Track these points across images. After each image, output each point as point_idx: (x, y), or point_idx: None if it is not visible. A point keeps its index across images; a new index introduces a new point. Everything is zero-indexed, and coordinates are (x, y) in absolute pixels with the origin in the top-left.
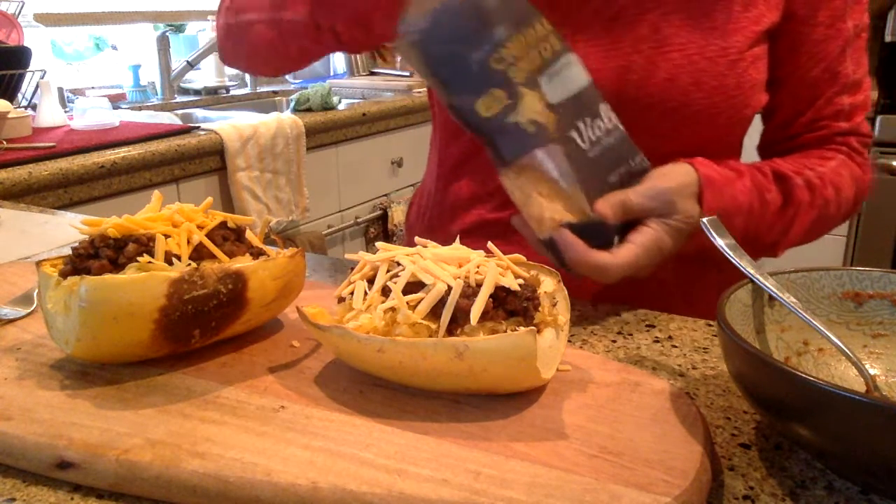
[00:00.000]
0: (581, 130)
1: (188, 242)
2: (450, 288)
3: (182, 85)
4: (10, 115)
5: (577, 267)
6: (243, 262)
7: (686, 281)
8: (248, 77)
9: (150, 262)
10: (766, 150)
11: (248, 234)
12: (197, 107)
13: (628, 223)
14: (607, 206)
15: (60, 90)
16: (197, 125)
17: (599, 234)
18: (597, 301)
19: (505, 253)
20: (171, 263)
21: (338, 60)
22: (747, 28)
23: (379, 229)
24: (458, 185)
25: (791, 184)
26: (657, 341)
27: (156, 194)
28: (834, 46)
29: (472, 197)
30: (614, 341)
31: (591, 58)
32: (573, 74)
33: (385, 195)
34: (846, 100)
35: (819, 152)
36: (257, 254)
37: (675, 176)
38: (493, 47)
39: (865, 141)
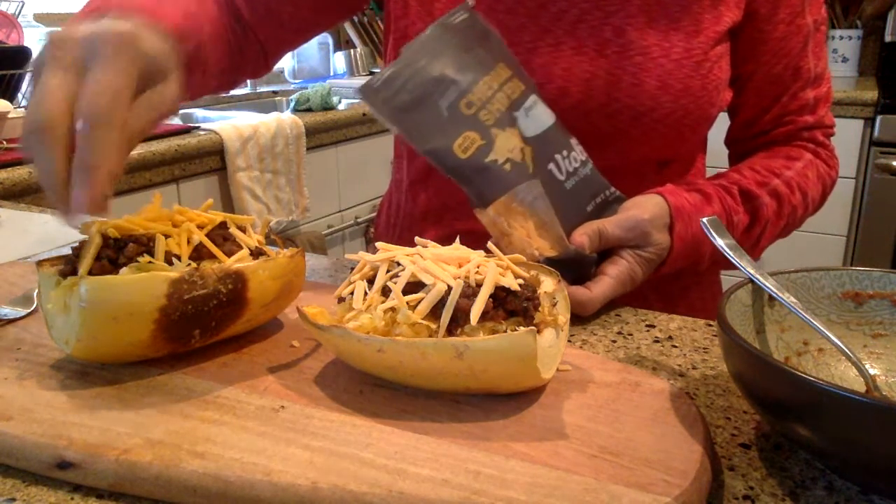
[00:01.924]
0: (559, 162)
1: (188, 242)
2: (450, 288)
3: None
4: (10, 115)
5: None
6: (243, 262)
7: (684, 281)
8: None
9: (150, 262)
10: (733, 145)
11: (238, 235)
12: (197, 107)
13: (602, 253)
14: (584, 236)
15: None
16: (197, 125)
17: (578, 266)
18: None
19: None
20: (171, 263)
21: (338, 60)
22: (710, 28)
23: None
24: (428, 196)
25: (759, 203)
26: (657, 341)
27: (156, 195)
28: (795, 42)
29: (442, 207)
30: (614, 341)
31: (556, 64)
32: (540, 113)
33: None
34: (810, 93)
35: (786, 151)
36: (257, 254)
37: (649, 207)
38: (460, 93)
39: (830, 132)
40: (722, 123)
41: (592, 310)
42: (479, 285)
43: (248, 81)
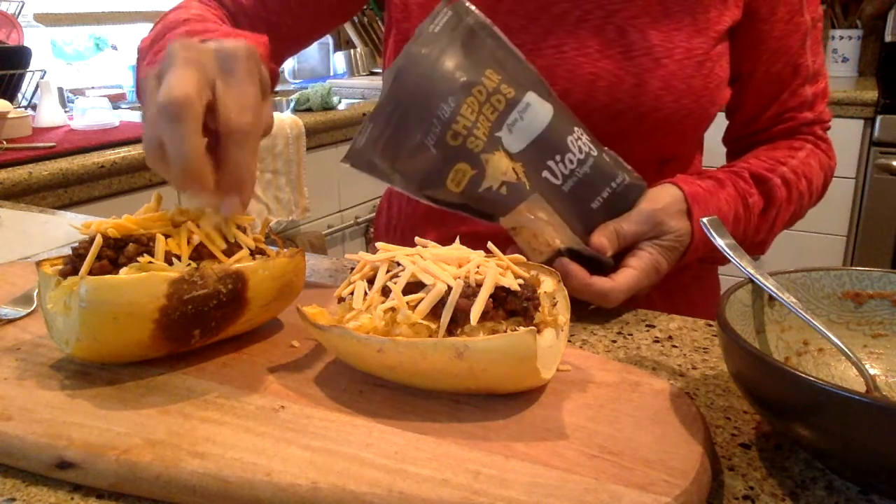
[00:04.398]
0: (552, 168)
1: (188, 242)
2: (450, 288)
3: None
4: (10, 115)
5: (578, 294)
6: (243, 263)
7: (686, 281)
8: None
9: (150, 262)
10: (732, 143)
11: (240, 236)
12: None
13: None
14: (603, 238)
15: (60, 90)
16: None
17: (597, 261)
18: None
19: None
20: (171, 263)
21: (338, 60)
22: (711, 28)
23: None
24: None
25: (771, 185)
26: (657, 341)
27: (156, 194)
28: (794, 41)
29: (443, 210)
30: (614, 341)
31: (559, 66)
32: (533, 115)
33: None
34: (808, 90)
35: (787, 143)
36: (257, 254)
37: (662, 197)
38: (445, 125)
39: (827, 127)
40: (718, 123)
41: (616, 301)
42: (479, 285)
43: None
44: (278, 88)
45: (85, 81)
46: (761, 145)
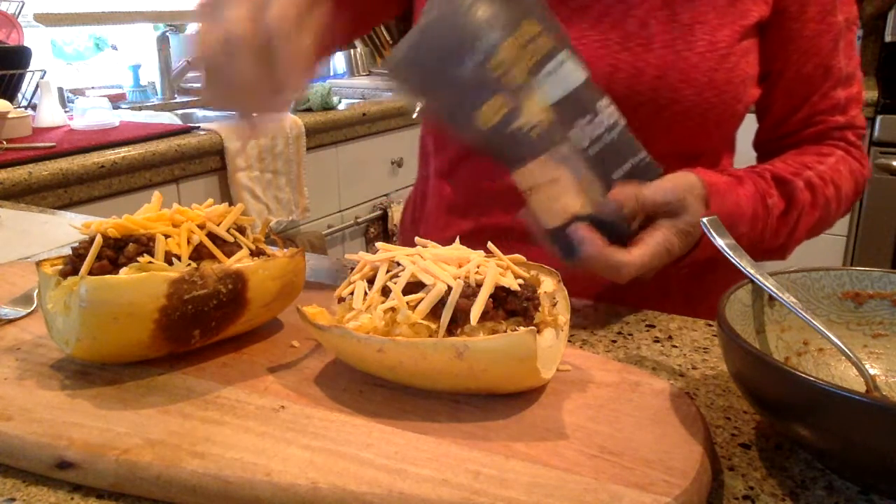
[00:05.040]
0: (581, 129)
1: (188, 242)
2: (450, 288)
3: (182, 85)
4: (10, 115)
5: (592, 262)
6: (243, 263)
7: (686, 281)
8: None
9: (150, 262)
10: (762, 147)
11: (241, 236)
12: (197, 107)
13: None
14: (624, 197)
15: (60, 90)
16: (197, 125)
17: (612, 229)
18: (597, 301)
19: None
20: (171, 263)
21: (338, 60)
22: (735, 23)
23: (379, 229)
24: (454, 189)
25: (792, 187)
26: (657, 341)
27: (156, 194)
28: (826, 41)
29: (468, 201)
30: (614, 341)
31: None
32: (568, 72)
33: (385, 195)
34: (841, 93)
35: (816, 149)
36: (257, 254)
37: (683, 179)
38: (485, 56)
39: (861, 133)
40: (750, 126)
41: (628, 276)
42: (479, 285)
43: None
44: None
45: (85, 81)
46: (791, 150)
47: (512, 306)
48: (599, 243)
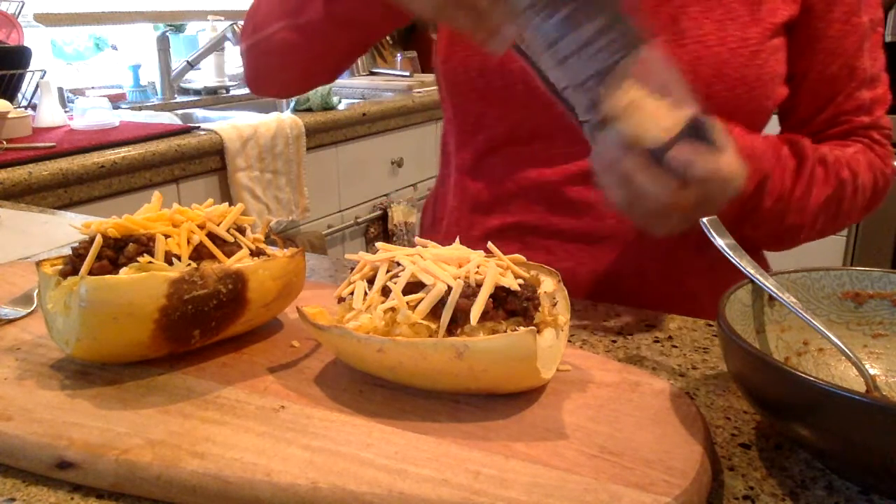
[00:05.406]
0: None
1: (188, 242)
2: (450, 288)
3: (182, 85)
4: (10, 115)
5: (709, 177)
6: (243, 263)
7: (686, 281)
8: None
9: (150, 262)
10: None
11: (241, 237)
12: (197, 107)
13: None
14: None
15: (60, 90)
16: (197, 125)
17: (698, 131)
18: (596, 300)
19: (532, 258)
20: (171, 263)
21: None
22: (765, 20)
23: (379, 229)
24: (477, 187)
25: (802, 145)
26: (657, 341)
27: (156, 194)
28: (851, 42)
29: (492, 198)
30: (614, 341)
31: None
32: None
33: (385, 195)
34: (866, 94)
35: (837, 141)
36: (257, 254)
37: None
38: None
39: (887, 133)
40: (772, 129)
41: (740, 186)
42: (479, 285)
43: None
44: None
45: (85, 81)
46: None
47: (512, 306)
48: (712, 158)
